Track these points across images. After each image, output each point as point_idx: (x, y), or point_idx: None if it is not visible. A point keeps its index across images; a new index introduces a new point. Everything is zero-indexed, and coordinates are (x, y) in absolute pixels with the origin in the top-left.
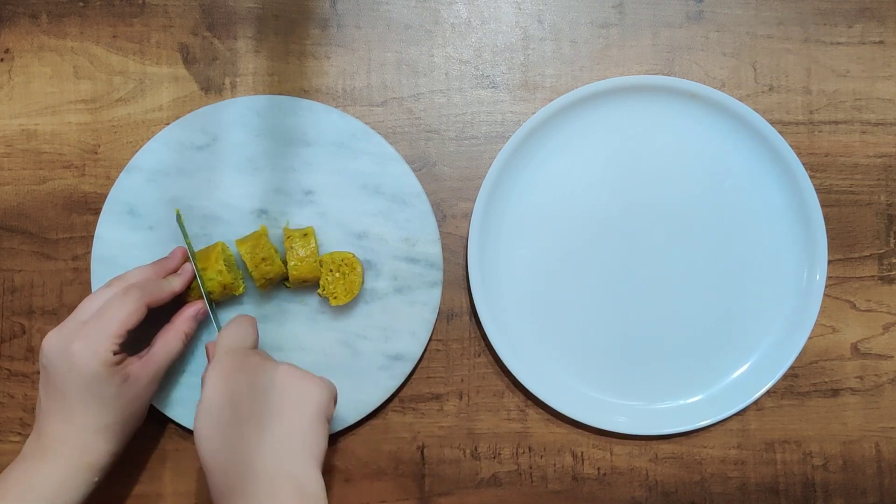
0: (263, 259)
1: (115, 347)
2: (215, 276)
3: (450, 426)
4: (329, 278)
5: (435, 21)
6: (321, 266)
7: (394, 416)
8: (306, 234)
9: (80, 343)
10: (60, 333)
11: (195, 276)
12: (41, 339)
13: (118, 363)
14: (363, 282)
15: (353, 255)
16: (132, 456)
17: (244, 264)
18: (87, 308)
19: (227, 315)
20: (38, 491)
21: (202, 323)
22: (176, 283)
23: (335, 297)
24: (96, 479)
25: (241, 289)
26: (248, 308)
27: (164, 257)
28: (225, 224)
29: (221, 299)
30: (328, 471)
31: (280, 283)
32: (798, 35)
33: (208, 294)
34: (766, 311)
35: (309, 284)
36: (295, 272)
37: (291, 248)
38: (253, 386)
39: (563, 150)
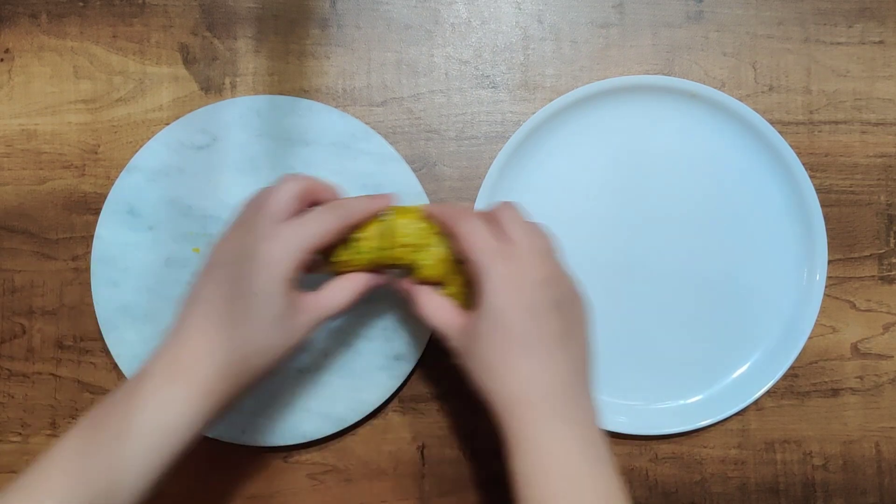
0: (407, 245)
1: (305, 263)
2: (367, 250)
3: (450, 426)
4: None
5: (435, 21)
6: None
7: (394, 416)
8: (438, 232)
9: (280, 245)
10: (251, 229)
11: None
12: (41, 340)
13: (295, 285)
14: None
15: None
16: None
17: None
18: (267, 211)
19: None
20: (159, 425)
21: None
22: (375, 205)
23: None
24: (216, 419)
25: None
26: None
27: (368, 197)
28: (225, 224)
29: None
30: (328, 471)
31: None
32: (798, 35)
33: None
34: (766, 311)
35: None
36: (428, 271)
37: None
38: (550, 294)
39: (563, 150)
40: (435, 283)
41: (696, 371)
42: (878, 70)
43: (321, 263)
